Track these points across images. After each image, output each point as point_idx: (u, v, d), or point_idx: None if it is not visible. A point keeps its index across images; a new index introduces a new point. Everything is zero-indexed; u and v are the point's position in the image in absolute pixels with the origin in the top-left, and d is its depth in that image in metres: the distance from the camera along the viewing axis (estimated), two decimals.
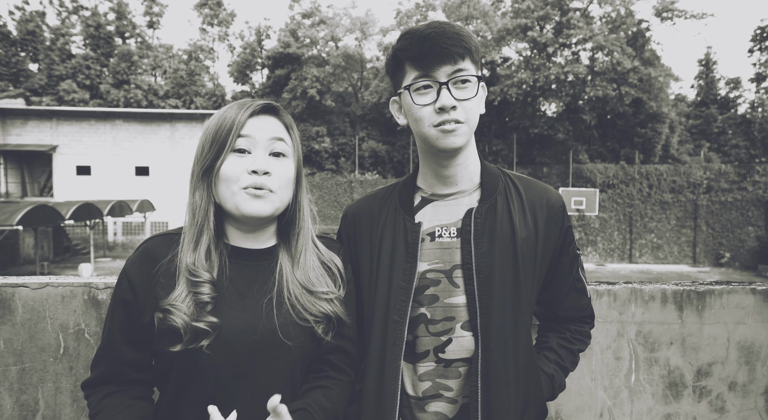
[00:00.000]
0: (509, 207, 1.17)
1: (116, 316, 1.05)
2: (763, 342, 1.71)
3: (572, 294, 1.26)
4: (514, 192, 1.20)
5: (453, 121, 1.07)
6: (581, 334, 1.29)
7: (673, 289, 1.70)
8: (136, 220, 26.91)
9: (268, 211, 1.04)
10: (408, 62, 1.10)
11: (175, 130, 28.26)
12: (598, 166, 28.06)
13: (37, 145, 27.26)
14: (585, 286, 1.29)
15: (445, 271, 1.15)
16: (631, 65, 28.28)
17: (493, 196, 1.17)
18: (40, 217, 16.92)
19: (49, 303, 1.52)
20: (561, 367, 1.25)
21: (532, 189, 1.22)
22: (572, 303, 1.27)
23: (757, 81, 33.11)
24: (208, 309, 1.00)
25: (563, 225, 1.22)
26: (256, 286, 1.07)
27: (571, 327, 1.29)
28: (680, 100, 35.57)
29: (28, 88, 32.37)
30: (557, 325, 1.31)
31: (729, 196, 26.42)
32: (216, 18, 38.94)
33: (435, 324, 1.15)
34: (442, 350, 1.14)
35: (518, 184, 1.22)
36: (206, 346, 0.97)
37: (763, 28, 32.53)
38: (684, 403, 1.71)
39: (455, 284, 1.14)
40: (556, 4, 29.56)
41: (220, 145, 1.02)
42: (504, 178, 1.23)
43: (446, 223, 1.17)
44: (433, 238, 1.17)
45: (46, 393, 1.53)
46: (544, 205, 1.19)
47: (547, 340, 1.29)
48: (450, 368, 1.14)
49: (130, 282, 1.04)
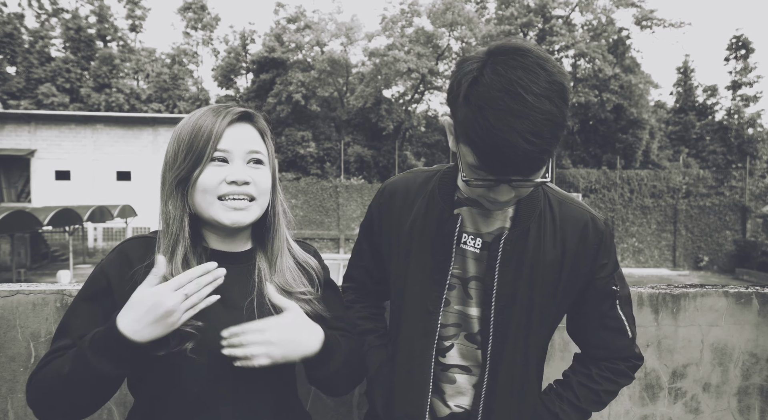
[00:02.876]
0: (541, 235, 1.08)
1: (86, 310, 1.01)
2: (735, 344, 1.75)
3: (601, 332, 1.15)
4: (549, 214, 1.10)
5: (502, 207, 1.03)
6: (613, 373, 1.15)
7: (649, 293, 1.73)
8: (118, 225, 26.45)
9: (248, 220, 1.04)
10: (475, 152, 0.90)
11: (158, 135, 27.91)
12: (581, 171, 28.46)
13: (14, 149, 26.65)
14: (624, 325, 1.15)
15: (462, 278, 1.12)
16: (613, 72, 28.83)
17: (528, 222, 1.08)
18: (17, 223, 16.51)
19: (19, 311, 1.48)
20: (574, 408, 1.14)
21: (567, 209, 1.12)
22: (601, 342, 1.15)
23: (733, 89, 33.98)
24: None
25: (597, 255, 1.10)
26: (236, 288, 1.07)
27: (602, 365, 1.16)
28: (660, 107, 36.30)
29: (5, 92, 31.70)
30: (587, 361, 1.19)
31: (707, 200, 26.99)
32: (200, 22, 38.65)
33: (444, 327, 1.13)
34: (443, 354, 1.14)
35: (554, 204, 1.12)
36: (189, 349, 0.96)
37: (738, 37, 33.44)
38: (660, 404, 1.73)
39: (469, 295, 1.12)
40: (539, 11, 30.03)
41: (197, 156, 1.01)
42: (544, 199, 1.12)
43: (473, 232, 1.12)
44: (458, 242, 1.12)
45: (16, 404, 1.49)
46: (578, 228, 1.10)
47: (568, 376, 1.20)
48: (447, 372, 1.14)
49: (109, 281, 1.02)
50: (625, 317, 1.15)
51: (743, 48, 33.46)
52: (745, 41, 33.30)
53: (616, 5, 30.35)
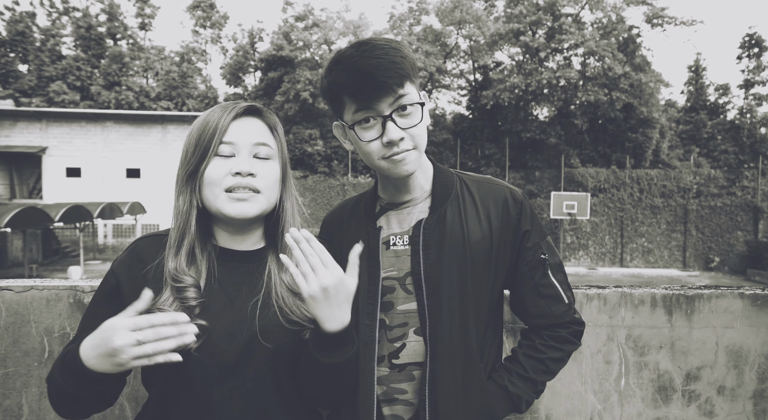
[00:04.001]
0: (460, 214, 1.15)
1: (99, 312, 1.03)
2: (750, 346, 1.72)
3: (538, 301, 1.19)
4: (468, 196, 1.18)
5: (402, 151, 1.07)
6: (555, 340, 1.19)
7: (663, 293, 1.71)
8: (127, 222, 26.67)
9: (253, 212, 1.04)
10: (346, 96, 1.06)
11: (167, 132, 28.08)
12: (590, 170, 28.25)
13: (26, 146, 26.95)
14: (559, 292, 1.19)
15: (399, 278, 1.16)
16: (622, 71, 28.55)
17: (444, 206, 1.16)
18: (28, 219, 16.70)
19: (33, 306, 1.49)
20: (522, 378, 1.16)
21: (485, 188, 1.20)
22: (538, 310, 1.19)
23: (746, 87, 33.54)
24: (196, 312, 0.99)
25: (519, 224, 1.17)
26: (245, 288, 1.06)
27: (544, 334, 1.20)
28: (670, 106, 35.93)
29: (17, 90, 32.02)
30: (530, 333, 1.24)
31: (718, 201, 26.69)
32: (209, 20, 38.80)
33: (391, 330, 1.16)
34: (396, 356, 1.16)
35: (471, 186, 1.20)
36: (194, 348, 0.96)
37: (751, 35, 33.00)
38: (673, 407, 1.71)
39: (408, 291, 1.16)
40: (548, 9, 29.79)
41: (203, 150, 1.02)
42: (459, 183, 1.21)
43: (399, 231, 1.19)
44: (388, 246, 1.18)
45: (30, 398, 1.50)
46: (498, 203, 1.17)
47: (514, 350, 1.24)
48: (404, 372, 1.16)
49: (118, 281, 1.04)
50: (558, 283, 1.19)
51: (756, 46, 33.01)
52: (758, 39, 32.85)
53: (627, 3, 30.06)
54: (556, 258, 1.21)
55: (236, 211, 1.02)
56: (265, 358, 1.03)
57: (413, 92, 1.08)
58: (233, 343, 1.00)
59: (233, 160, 1.03)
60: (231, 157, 1.04)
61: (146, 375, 1.07)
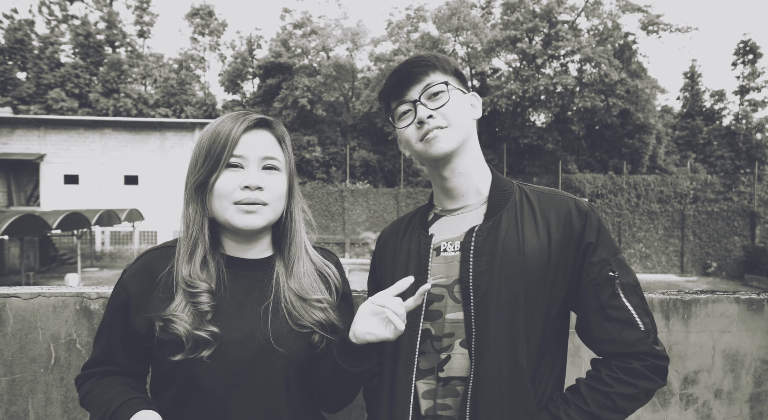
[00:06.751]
0: (517, 223, 1.09)
1: (114, 325, 1.06)
2: (747, 350, 1.75)
3: (604, 324, 1.05)
4: (527, 205, 1.12)
5: (433, 128, 1.09)
6: (626, 373, 1.03)
7: (660, 298, 1.73)
8: (125, 229, 26.61)
9: (260, 224, 1.06)
10: (390, 98, 1.17)
11: (165, 139, 28.10)
12: (587, 176, 28.36)
13: (24, 153, 26.93)
14: (632, 316, 1.04)
15: (447, 285, 1.11)
16: (619, 77, 28.73)
17: (499, 213, 1.11)
18: (26, 227, 16.66)
19: (40, 313, 1.51)
20: (581, 412, 1.03)
21: (548, 199, 1.13)
22: (605, 335, 1.05)
23: (741, 93, 33.78)
24: (208, 318, 1.01)
25: (582, 237, 1.07)
26: (254, 295, 1.08)
27: (613, 364, 1.05)
28: (666, 112, 36.15)
29: (15, 97, 32.03)
30: (598, 363, 1.09)
31: (715, 206, 26.80)
32: (207, 28, 38.96)
33: (438, 340, 1.11)
34: (441, 368, 1.10)
35: (532, 196, 1.14)
36: (206, 356, 0.98)
37: (746, 41, 33.29)
38: (671, 410, 1.73)
39: (456, 299, 1.10)
40: (544, 16, 30.03)
41: (214, 162, 1.04)
42: (519, 192, 1.15)
43: (450, 237, 1.15)
44: (439, 252, 1.14)
45: (36, 404, 1.51)
46: (560, 214, 1.09)
47: (578, 380, 1.09)
48: (448, 387, 1.09)
49: (128, 295, 1.06)
50: (632, 307, 1.05)
51: (751, 52, 33.29)
52: (753, 46, 33.14)
53: (622, 10, 30.32)
54: (629, 278, 1.07)
55: (244, 222, 1.04)
56: (277, 364, 1.04)
57: (441, 79, 1.12)
58: (244, 350, 1.02)
59: (242, 172, 1.05)
60: (240, 168, 1.05)
61: (154, 383, 1.08)
